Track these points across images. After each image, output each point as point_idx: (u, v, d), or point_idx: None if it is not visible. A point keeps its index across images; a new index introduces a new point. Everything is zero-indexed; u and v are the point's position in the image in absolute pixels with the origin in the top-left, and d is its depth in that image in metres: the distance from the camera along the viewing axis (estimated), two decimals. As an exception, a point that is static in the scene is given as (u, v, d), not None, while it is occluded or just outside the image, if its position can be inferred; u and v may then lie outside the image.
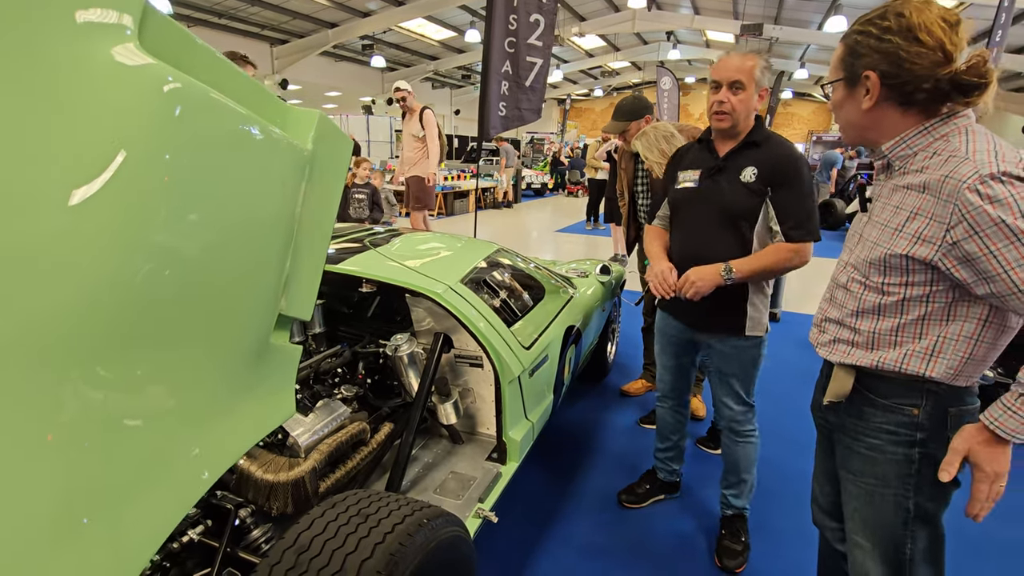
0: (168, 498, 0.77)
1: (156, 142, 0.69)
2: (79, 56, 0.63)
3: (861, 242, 1.16)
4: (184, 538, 1.21)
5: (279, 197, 0.91)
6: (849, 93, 1.11)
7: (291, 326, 1.05)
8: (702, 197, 1.84)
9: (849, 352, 1.18)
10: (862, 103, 1.08)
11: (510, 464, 1.92)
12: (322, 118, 0.98)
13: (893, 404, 1.13)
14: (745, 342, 1.88)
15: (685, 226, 1.92)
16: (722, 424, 2.02)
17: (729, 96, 1.72)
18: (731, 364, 1.91)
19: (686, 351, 2.08)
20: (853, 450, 1.22)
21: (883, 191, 1.13)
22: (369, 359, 2.01)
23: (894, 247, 1.05)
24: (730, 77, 1.71)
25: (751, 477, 2.05)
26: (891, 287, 1.09)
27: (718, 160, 1.83)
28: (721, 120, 1.76)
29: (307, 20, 11.84)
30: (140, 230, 0.70)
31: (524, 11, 4.42)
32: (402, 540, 1.05)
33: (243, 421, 0.90)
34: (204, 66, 0.76)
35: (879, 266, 1.09)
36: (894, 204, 1.08)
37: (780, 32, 12.23)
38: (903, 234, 1.04)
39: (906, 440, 1.13)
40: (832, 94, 1.15)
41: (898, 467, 1.14)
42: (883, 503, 1.17)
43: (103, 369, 0.68)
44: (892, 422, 1.14)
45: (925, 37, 0.99)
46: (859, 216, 1.24)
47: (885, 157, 1.11)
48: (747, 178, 1.76)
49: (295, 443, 1.51)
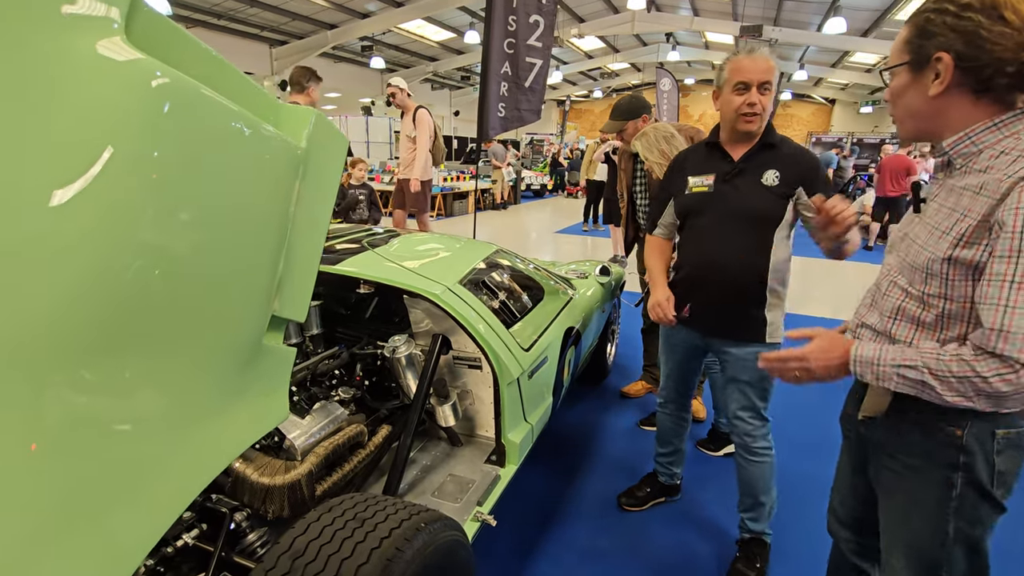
0: (156, 504, 0.75)
1: (144, 138, 0.67)
2: (63, 50, 0.61)
3: (907, 243, 1.07)
4: (178, 542, 1.20)
5: (272, 196, 0.89)
6: (914, 78, 1.00)
7: (285, 327, 1.03)
8: (719, 201, 1.79)
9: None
10: (929, 89, 0.97)
11: (509, 467, 1.91)
12: (317, 116, 0.96)
13: (934, 424, 1.04)
14: (763, 349, 1.79)
15: (701, 231, 1.85)
16: (735, 440, 1.94)
17: (760, 98, 1.67)
18: (747, 372, 1.83)
19: (694, 357, 2.03)
20: (888, 468, 1.14)
21: (939, 191, 1.03)
22: (367, 361, 2.00)
23: (937, 250, 0.97)
24: (761, 78, 1.66)
25: (769, 500, 1.95)
26: (931, 299, 1.00)
27: (735, 163, 1.77)
28: (751, 122, 1.70)
29: (306, 21, 11.84)
30: (128, 228, 0.68)
31: (523, 12, 4.42)
32: (399, 545, 1.04)
33: (235, 425, 0.89)
34: (195, 62, 0.75)
35: (922, 272, 1.01)
36: (948, 206, 0.98)
37: (779, 34, 12.24)
38: (949, 237, 0.96)
39: (947, 463, 1.03)
40: (892, 81, 1.05)
41: (937, 490, 1.05)
42: (919, 525, 1.09)
43: (89, 373, 0.66)
44: (932, 442, 1.05)
45: (1011, 16, 0.88)
46: (908, 216, 1.15)
47: (946, 154, 1.00)
48: (769, 181, 1.72)
49: (291, 446, 1.49)
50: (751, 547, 1.98)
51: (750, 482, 1.94)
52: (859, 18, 11.21)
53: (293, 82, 4.01)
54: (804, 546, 2.11)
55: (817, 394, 3.47)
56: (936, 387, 0.94)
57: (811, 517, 2.27)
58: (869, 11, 10.91)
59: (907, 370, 0.97)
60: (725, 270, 1.78)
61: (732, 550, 2.04)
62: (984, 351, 0.89)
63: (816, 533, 2.17)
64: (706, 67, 19.96)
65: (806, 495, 2.39)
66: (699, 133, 2.89)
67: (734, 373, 1.87)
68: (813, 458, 2.69)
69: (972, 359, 0.90)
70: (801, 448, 2.79)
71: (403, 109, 5.24)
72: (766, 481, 1.93)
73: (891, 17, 10.80)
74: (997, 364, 0.87)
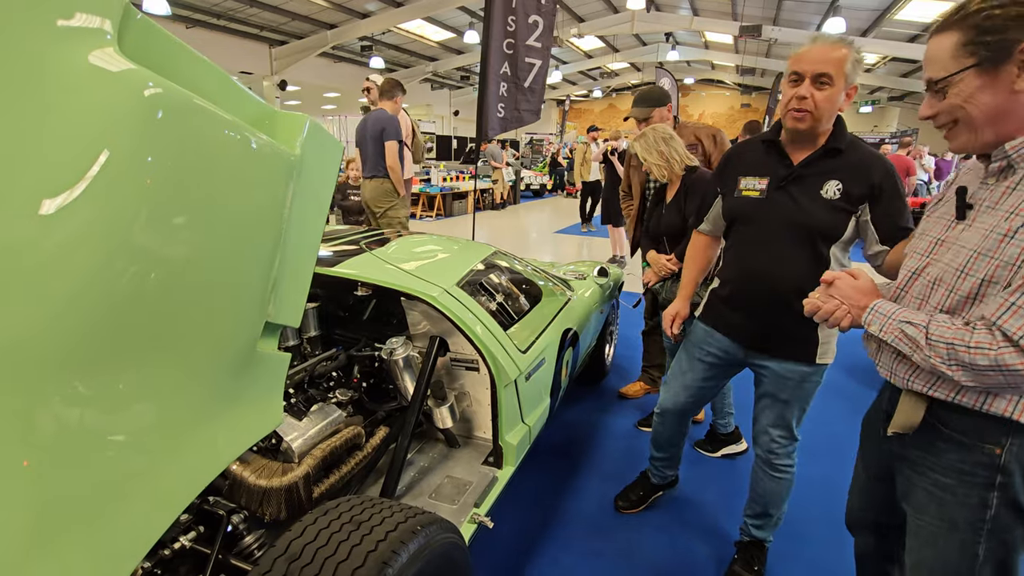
0: (150, 510, 0.75)
1: (137, 145, 0.67)
2: (55, 60, 0.62)
3: (952, 249, 1.02)
4: (176, 544, 1.20)
5: (265, 202, 0.89)
6: (989, 78, 0.93)
7: (279, 333, 1.04)
8: (771, 209, 1.61)
9: (914, 374, 1.05)
10: (1014, 83, 0.91)
11: (506, 468, 1.91)
12: (311, 122, 0.96)
13: (971, 442, 1.00)
14: (810, 369, 1.67)
15: (749, 240, 1.69)
16: (758, 452, 1.86)
17: (813, 91, 1.44)
18: (788, 390, 1.71)
19: (724, 373, 1.88)
20: (917, 486, 1.10)
21: (990, 195, 0.99)
22: (365, 363, 2.00)
23: (1003, 254, 0.91)
24: (816, 69, 1.43)
25: (779, 512, 1.89)
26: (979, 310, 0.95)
27: (793, 168, 1.58)
28: (800, 120, 1.48)
29: (306, 21, 11.83)
30: (121, 235, 0.68)
31: (523, 12, 4.41)
32: (395, 548, 1.04)
33: (228, 431, 0.89)
34: (188, 71, 0.75)
35: (977, 275, 0.96)
36: (1006, 208, 0.94)
37: (779, 33, 12.24)
38: (1015, 241, 0.90)
39: (983, 482, 1.00)
40: (953, 90, 0.97)
41: (970, 512, 1.02)
42: (947, 546, 1.06)
43: (81, 381, 0.66)
44: (968, 461, 1.01)
45: None
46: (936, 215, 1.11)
47: (1006, 157, 0.95)
48: (830, 194, 1.53)
49: (289, 448, 1.50)
50: (750, 550, 1.97)
51: (764, 495, 1.88)
52: (858, 18, 11.22)
53: (384, 90, 4.45)
54: (803, 547, 2.12)
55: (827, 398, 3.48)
56: (924, 347, 0.96)
57: (810, 519, 2.28)
58: (868, 11, 10.91)
59: (908, 327, 0.99)
60: (774, 285, 1.62)
61: (729, 551, 2.05)
62: (987, 322, 0.90)
63: (815, 535, 2.19)
64: (705, 67, 19.96)
65: (805, 497, 2.40)
66: (720, 132, 2.87)
67: (772, 390, 1.74)
68: (812, 460, 2.70)
69: (966, 328, 0.92)
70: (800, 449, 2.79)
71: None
72: (782, 496, 1.87)
73: (890, 17, 10.80)
74: (983, 337, 0.89)
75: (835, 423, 3.14)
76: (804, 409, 1.78)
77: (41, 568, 0.64)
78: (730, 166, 1.77)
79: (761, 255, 1.65)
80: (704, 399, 1.98)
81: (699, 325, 1.91)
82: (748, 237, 1.70)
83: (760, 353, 1.74)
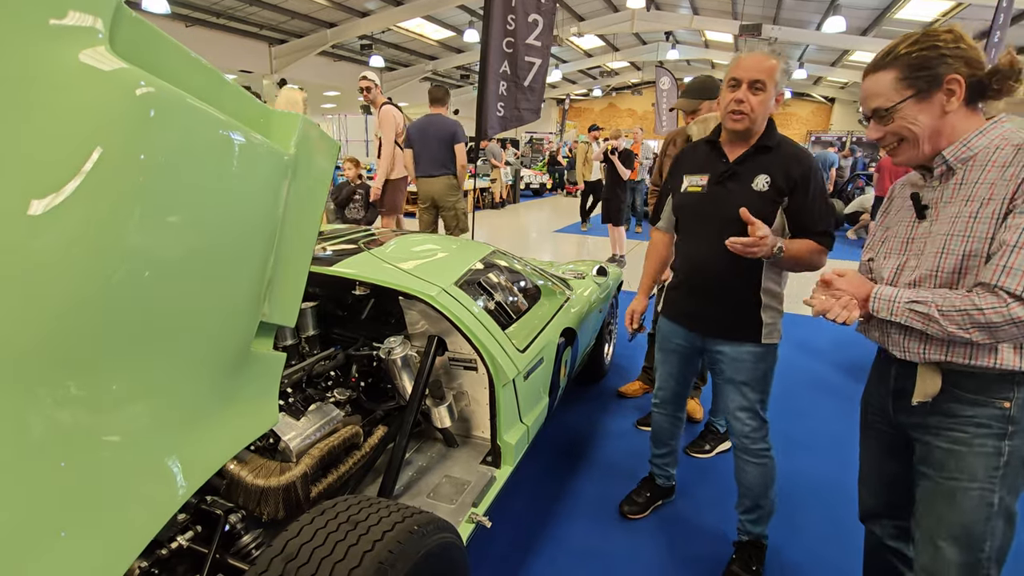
0: (144, 509, 0.75)
1: (130, 144, 0.67)
2: (46, 60, 0.61)
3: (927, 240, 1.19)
4: (173, 544, 1.20)
5: (259, 201, 0.89)
6: (923, 104, 1.15)
7: (275, 333, 1.03)
8: (710, 203, 1.78)
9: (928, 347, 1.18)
10: (945, 107, 1.14)
11: (505, 468, 1.91)
12: (305, 122, 0.96)
13: (983, 399, 1.15)
14: (760, 349, 1.81)
15: (692, 233, 1.86)
16: (734, 441, 1.94)
17: (749, 96, 1.64)
18: (744, 372, 1.84)
19: (691, 359, 2.03)
20: (934, 446, 1.22)
21: (943, 194, 1.18)
22: (363, 362, 2.00)
23: (975, 232, 1.09)
24: (751, 76, 1.62)
25: (768, 502, 1.94)
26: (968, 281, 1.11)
27: (729, 165, 1.76)
28: (738, 121, 1.67)
29: (305, 20, 11.82)
30: (115, 233, 0.68)
31: (522, 11, 4.41)
32: (391, 548, 1.04)
33: (222, 431, 0.89)
34: (181, 70, 0.74)
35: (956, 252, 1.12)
36: (961, 198, 1.14)
37: (779, 32, 12.23)
38: (980, 219, 1.09)
39: (997, 432, 1.14)
40: (898, 115, 1.17)
41: (986, 460, 1.15)
42: (966, 499, 1.17)
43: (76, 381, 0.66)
44: (982, 415, 1.15)
45: (969, 42, 1.13)
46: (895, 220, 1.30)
47: (945, 163, 1.17)
48: (760, 186, 1.70)
49: (286, 447, 1.50)
50: (748, 549, 1.98)
51: (749, 484, 1.93)
52: (858, 17, 11.21)
53: (437, 98, 4.76)
54: (801, 546, 2.12)
55: (809, 392, 3.48)
56: (939, 320, 1.09)
57: (806, 517, 2.28)
58: (868, 10, 10.90)
59: (917, 305, 1.12)
60: (718, 273, 1.78)
61: (727, 551, 2.05)
62: (985, 286, 1.05)
63: (812, 533, 2.19)
64: (705, 66, 19.94)
65: (802, 494, 2.40)
66: None
67: (731, 374, 1.86)
68: (810, 458, 2.70)
69: (973, 294, 1.06)
70: (795, 446, 2.79)
71: (373, 105, 5.01)
72: (765, 483, 1.91)
73: (890, 16, 10.79)
74: (991, 298, 1.03)
75: (832, 421, 3.14)
76: (765, 391, 1.88)
77: (34, 568, 0.63)
78: (678, 166, 1.95)
79: (702, 245, 1.81)
80: (688, 383, 2.13)
81: (662, 320, 2.07)
82: (691, 230, 1.87)
83: (715, 339, 1.88)
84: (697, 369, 2.10)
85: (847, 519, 2.20)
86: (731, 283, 1.78)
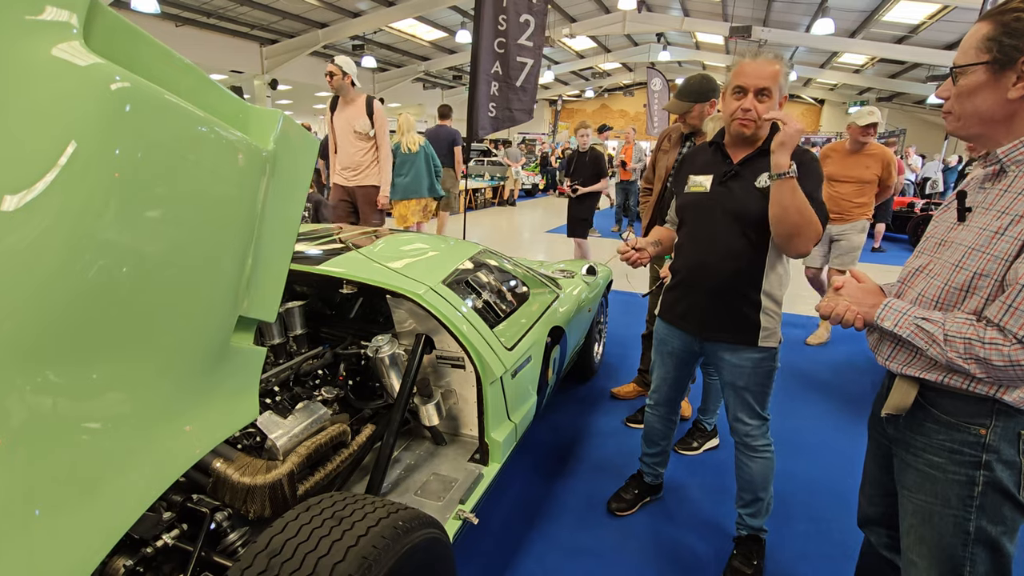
0: (119, 502, 0.75)
1: (105, 138, 0.67)
2: (18, 54, 0.61)
3: (951, 248, 1.09)
4: (159, 542, 1.20)
5: (237, 197, 0.89)
6: (993, 79, 0.99)
7: (255, 328, 1.04)
8: (714, 203, 1.79)
9: (910, 362, 1.12)
10: (1009, 91, 0.97)
11: (492, 465, 1.92)
12: (285, 118, 0.97)
13: (958, 422, 1.08)
14: (759, 353, 1.81)
15: (695, 232, 1.86)
16: (736, 439, 1.96)
17: (755, 104, 1.65)
18: (744, 377, 1.84)
19: (688, 362, 2.03)
20: (911, 466, 1.17)
21: (986, 197, 1.06)
22: (350, 360, 2.00)
23: (994, 249, 0.99)
24: (757, 84, 1.63)
25: (767, 495, 1.96)
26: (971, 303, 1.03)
27: (732, 166, 1.77)
28: (746, 127, 1.69)
29: (297, 20, 11.79)
30: (90, 227, 0.68)
31: (514, 11, 4.41)
32: (375, 543, 1.04)
33: (201, 424, 0.89)
34: (158, 66, 0.75)
35: (969, 269, 1.03)
36: (998, 208, 1.01)
37: (769, 34, 12.33)
38: (1005, 237, 0.97)
39: (970, 461, 1.07)
40: (961, 80, 1.02)
41: (959, 488, 1.08)
42: (941, 523, 1.12)
43: (52, 373, 0.66)
44: (956, 440, 1.08)
45: None
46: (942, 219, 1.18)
47: (999, 162, 1.03)
48: (762, 183, 1.70)
49: (273, 445, 1.50)
50: (748, 544, 2.00)
51: (750, 479, 1.95)
52: (847, 19, 11.32)
53: (443, 114, 6.76)
54: (800, 544, 2.14)
55: (807, 394, 3.51)
56: (942, 343, 1.01)
57: (805, 515, 2.30)
58: (857, 12, 11.01)
59: (927, 323, 1.04)
60: (718, 273, 1.78)
61: (716, 546, 2.07)
62: (991, 322, 0.97)
63: (810, 531, 2.21)
64: (696, 67, 20.05)
65: (801, 494, 2.42)
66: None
67: (731, 379, 1.87)
68: (804, 458, 2.72)
69: (980, 325, 0.98)
70: (793, 448, 2.82)
71: (341, 95, 4.25)
72: (766, 477, 1.94)
73: (878, 18, 10.91)
74: (996, 334, 0.95)
75: (834, 425, 3.16)
76: (766, 392, 1.89)
77: (7, 557, 0.64)
78: (683, 167, 1.96)
79: (703, 244, 1.83)
80: (684, 386, 2.13)
81: (659, 322, 2.06)
82: (693, 229, 1.88)
83: (713, 344, 1.88)
84: (693, 373, 2.10)
85: (842, 520, 2.23)
86: (731, 283, 1.78)
